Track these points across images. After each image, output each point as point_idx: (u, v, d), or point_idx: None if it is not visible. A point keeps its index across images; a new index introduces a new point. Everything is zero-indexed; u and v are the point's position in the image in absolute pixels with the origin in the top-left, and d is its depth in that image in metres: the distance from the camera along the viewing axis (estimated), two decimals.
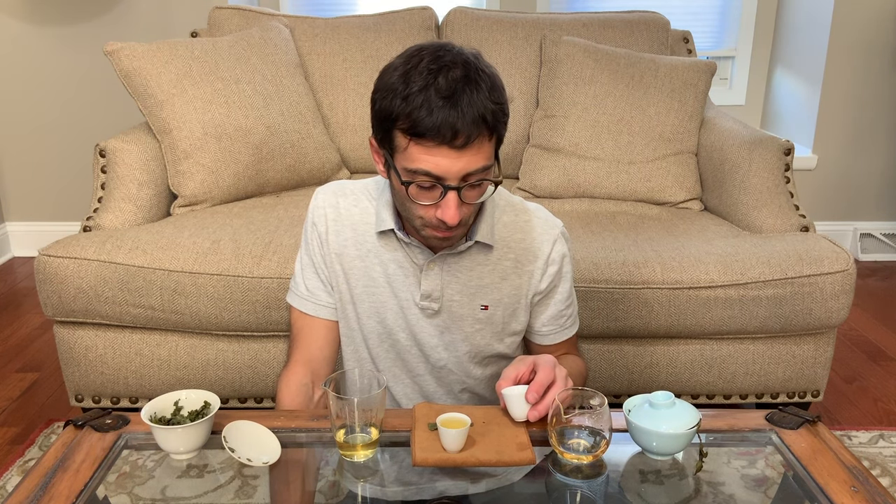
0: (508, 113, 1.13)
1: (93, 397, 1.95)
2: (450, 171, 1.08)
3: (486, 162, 1.11)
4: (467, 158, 1.08)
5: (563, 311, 1.37)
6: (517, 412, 1.15)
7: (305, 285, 1.35)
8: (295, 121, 2.26)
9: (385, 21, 2.52)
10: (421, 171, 1.09)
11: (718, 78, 3.37)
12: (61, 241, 1.86)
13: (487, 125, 1.08)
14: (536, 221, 1.32)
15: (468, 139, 1.06)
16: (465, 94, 1.05)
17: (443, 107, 1.05)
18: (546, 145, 2.32)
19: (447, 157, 1.07)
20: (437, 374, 1.37)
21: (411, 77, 1.07)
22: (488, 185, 1.15)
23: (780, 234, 2.03)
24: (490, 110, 1.07)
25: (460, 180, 1.10)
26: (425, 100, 1.05)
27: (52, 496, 1.04)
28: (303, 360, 1.34)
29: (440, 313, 1.31)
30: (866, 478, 1.09)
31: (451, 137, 1.06)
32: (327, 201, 1.33)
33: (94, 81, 3.13)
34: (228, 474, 1.12)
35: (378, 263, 1.30)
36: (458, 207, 1.11)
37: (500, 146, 1.15)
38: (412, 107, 1.06)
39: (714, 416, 1.25)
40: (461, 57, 1.09)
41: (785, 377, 1.96)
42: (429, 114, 1.05)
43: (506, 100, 1.12)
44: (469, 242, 1.25)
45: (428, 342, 1.33)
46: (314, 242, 1.33)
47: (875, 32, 3.16)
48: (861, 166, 3.35)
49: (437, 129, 1.05)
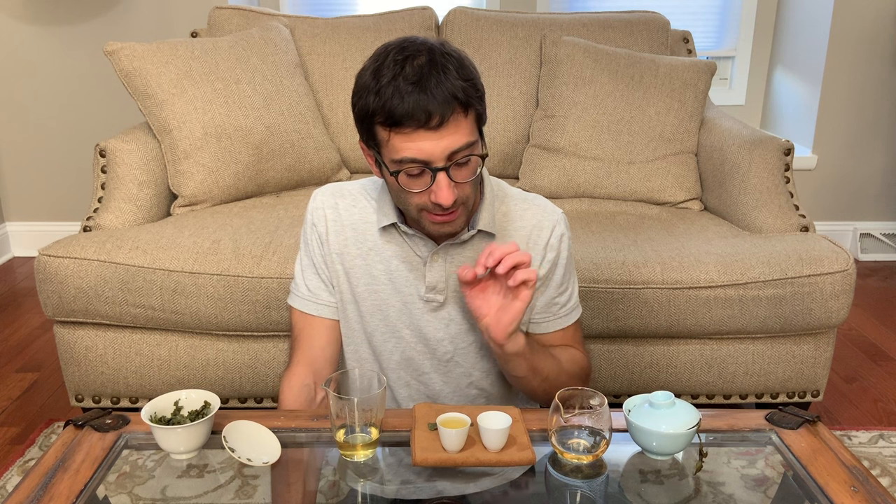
0: (482, 88, 1.16)
1: (93, 397, 1.95)
2: (433, 154, 1.11)
3: (468, 139, 1.13)
4: (448, 138, 1.11)
5: (556, 299, 1.36)
6: (491, 443, 1.11)
7: (307, 286, 1.36)
8: (295, 121, 2.26)
9: (385, 21, 2.52)
10: (406, 160, 1.12)
11: (718, 78, 3.38)
12: (61, 241, 1.86)
13: (460, 102, 1.10)
14: (535, 209, 1.33)
15: (443, 118, 1.09)
16: (432, 76, 1.09)
17: (412, 91, 1.08)
18: (546, 145, 2.32)
19: (427, 140, 1.10)
20: (444, 371, 1.37)
21: (380, 72, 1.11)
22: (476, 162, 1.16)
23: (780, 234, 2.03)
24: (460, 87, 1.10)
25: (446, 160, 1.12)
26: (395, 89, 1.09)
27: (53, 496, 1.04)
28: (304, 360, 1.35)
29: (445, 305, 1.31)
30: (866, 478, 1.09)
31: (426, 119, 1.09)
32: (326, 202, 1.34)
33: (94, 81, 3.13)
34: (228, 474, 1.12)
35: (380, 261, 1.31)
36: (450, 187, 1.13)
37: (481, 123, 1.17)
38: (384, 98, 1.09)
39: (714, 416, 1.25)
40: (425, 45, 1.13)
41: (785, 377, 1.96)
42: (400, 101, 1.08)
43: (476, 76, 1.15)
44: (472, 231, 1.27)
45: (433, 336, 1.33)
46: (314, 243, 1.34)
47: (875, 32, 3.16)
48: (861, 166, 3.35)
49: (411, 114, 1.08)
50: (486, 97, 1.18)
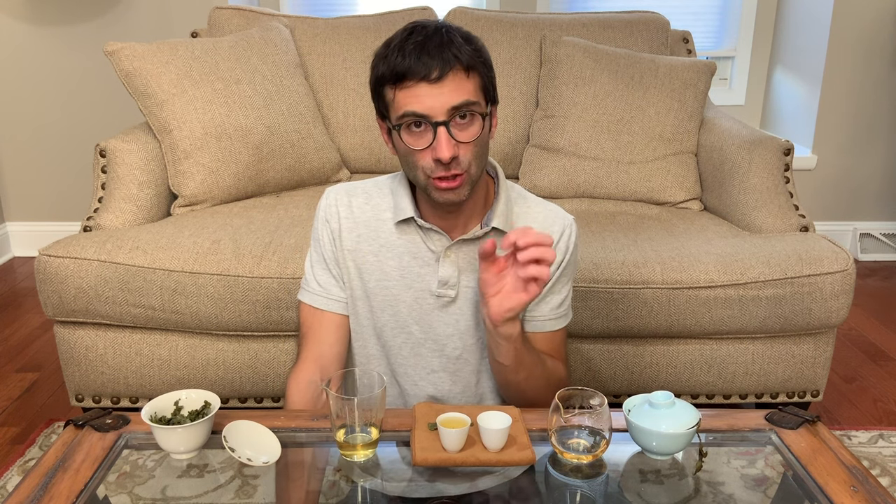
0: (488, 61, 1.21)
1: (93, 397, 1.95)
2: (433, 108, 1.14)
3: (469, 97, 1.16)
4: (448, 92, 1.14)
5: (550, 301, 1.35)
6: (491, 443, 1.12)
7: (317, 281, 1.37)
8: (295, 121, 2.26)
9: (385, 21, 2.52)
10: (409, 114, 1.16)
11: (718, 78, 3.38)
12: (61, 241, 1.86)
13: (461, 62, 1.15)
14: (548, 213, 1.35)
15: (442, 71, 1.14)
16: (436, 38, 1.15)
17: (414, 49, 1.14)
18: (546, 145, 2.32)
19: (428, 94, 1.14)
20: (452, 369, 1.37)
21: (391, 42, 1.18)
22: (479, 124, 1.18)
23: (780, 234, 2.03)
24: (464, 50, 1.16)
25: (447, 115, 1.15)
26: (400, 50, 1.15)
27: (53, 496, 1.04)
28: (312, 357, 1.35)
29: (456, 301, 1.32)
30: (866, 477, 1.09)
31: (426, 72, 1.13)
32: (340, 200, 1.35)
33: (94, 81, 3.13)
34: (228, 474, 1.12)
35: (392, 257, 1.32)
36: (450, 142, 1.15)
37: (489, 95, 1.20)
38: (390, 60, 1.16)
39: (714, 416, 1.25)
40: (435, 21, 1.20)
41: (785, 377, 1.96)
42: (403, 58, 1.14)
43: (483, 49, 1.21)
44: (486, 228, 1.28)
45: (443, 332, 1.34)
46: (326, 239, 1.35)
47: (875, 32, 3.16)
48: (861, 166, 3.35)
49: (411, 67, 1.14)
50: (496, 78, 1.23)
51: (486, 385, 1.39)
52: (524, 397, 1.32)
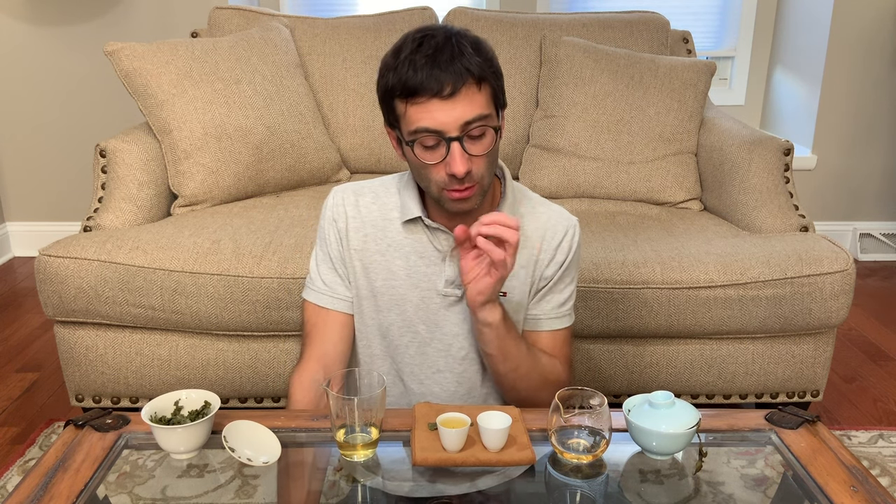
0: (498, 69, 1.20)
1: (93, 397, 1.95)
2: (446, 123, 1.14)
3: (482, 111, 1.16)
4: (461, 108, 1.14)
5: (552, 301, 1.36)
6: (491, 443, 1.12)
7: (322, 280, 1.37)
8: (295, 121, 2.26)
9: (385, 21, 2.52)
10: (421, 130, 1.15)
11: (718, 78, 3.38)
12: (61, 241, 1.86)
13: (473, 75, 1.14)
14: (553, 213, 1.36)
15: (455, 87, 1.13)
16: (446, 51, 1.14)
17: (426, 64, 1.13)
18: (546, 145, 2.32)
19: (440, 110, 1.14)
20: (458, 369, 1.37)
21: (400, 52, 1.17)
22: (492, 137, 1.19)
23: (780, 234, 2.03)
24: (475, 63, 1.15)
25: (459, 130, 1.15)
26: (411, 63, 1.14)
27: (53, 496, 1.04)
28: (316, 356, 1.35)
29: (462, 300, 1.32)
30: (866, 477, 1.09)
31: (438, 88, 1.13)
32: (347, 200, 1.35)
33: (94, 81, 3.13)
34: (228, 474, 1.12)
35: (399, 257, 1.32)
36: (464, 157, 1.15)
37: (499, 102, 1.20)
38: (401, 72, 1.15)
39: (714, 416, 1.25)
40: (444, 28, 1.19)
41: (784, 377, 1.96)
42: (415, 72, 1.13)
43: (493, 57, 1.19)
44: None
45: (450, 331, 1.34)
46: (332, 238, 1.35)
47: (875, 32, 3.16)
48: (861, 166, 3.35)
49: (423, 83, 1.13)
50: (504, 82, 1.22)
51: (491, 385, 1.39)
52: (518, 394, 1.33)
